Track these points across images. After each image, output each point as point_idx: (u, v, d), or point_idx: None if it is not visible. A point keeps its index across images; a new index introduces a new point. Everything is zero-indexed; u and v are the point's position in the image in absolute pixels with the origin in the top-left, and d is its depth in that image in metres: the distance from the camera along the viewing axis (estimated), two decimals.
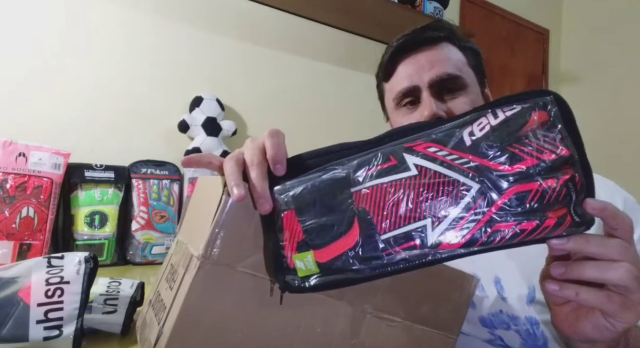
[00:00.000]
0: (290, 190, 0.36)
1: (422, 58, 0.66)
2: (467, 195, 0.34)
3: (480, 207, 0.34)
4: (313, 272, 0.36)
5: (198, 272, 0.34)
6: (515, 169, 0.33)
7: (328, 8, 1.65)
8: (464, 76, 0.66)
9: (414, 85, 0.66)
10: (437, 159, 0.35)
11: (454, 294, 0.47)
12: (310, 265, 0.36)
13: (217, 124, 1.41)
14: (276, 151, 0.36)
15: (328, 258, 0.35)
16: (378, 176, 0.35)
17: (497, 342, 0.61)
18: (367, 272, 0.35)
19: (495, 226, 0.34)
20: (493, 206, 0.34)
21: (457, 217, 0.34)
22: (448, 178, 0.34)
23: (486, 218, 0.34)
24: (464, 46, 0.69)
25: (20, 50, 1.19)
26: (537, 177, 0.33)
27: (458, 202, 0.34)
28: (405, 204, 0.34)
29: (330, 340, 0.40)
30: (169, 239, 1.24)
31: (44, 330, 0.49)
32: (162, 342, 0.35)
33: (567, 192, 0.33)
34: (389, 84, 0.71)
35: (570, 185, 0.33)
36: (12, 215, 0.99)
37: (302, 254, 0.36)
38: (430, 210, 0.34)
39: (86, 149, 1.24)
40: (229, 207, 0.35)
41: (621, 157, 2.35)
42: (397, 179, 0.35)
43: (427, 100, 0.64)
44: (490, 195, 0.34)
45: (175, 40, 1.43)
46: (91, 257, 0.56)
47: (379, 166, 0.36)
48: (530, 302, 0.59)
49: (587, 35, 2.75)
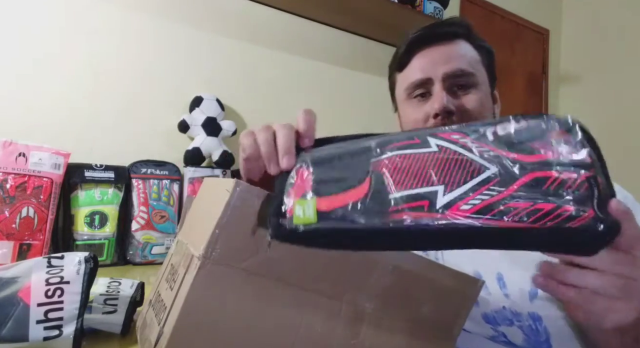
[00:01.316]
0: (310, 154, 0.39)
1: (438, 52, 0.67)
2: (483, 173, 0.34)
3: (496, 185, 0.33)
4: (310, 221, 0.35)
5: (198, 272, 0.34)
6: (535, 158, 0.33)
7: (328, 8, 1.65)
8: (477, 74, 0.67)
9: (427, 78, 0.66)
10: (459, 143, 0.36)
11: (457, 296, 0.47)
12: (309, 213, 0.35)
13: (217, 124, 1.41)
14: (308, 126, 0.40)
15: (330, 207, 0.35)
16: (398, 149, 0.37)
17: (500, 338, 0.61)
18: (364, 224, 0.34)
19: (510, 203, 0.32)
20: (510, 187, 0.33)
21: (470, 189, 0.33)
22: (467, 158, 0.35)
23: (502, 196, 0.33)
24: (479, 45, 0.70)
25: (20, 51, 1.18)
26: (556, 167, 0.33)
27: (474, 177, 0.34)
28: (420, 171, 0.35)
29: (331, 340, 0.40)
30: (169, 239, 1.24)
31: (44, 330, 0.49)
32: (162, 342, 0.35)
33: (589, 186, 0.32)
34: (402, 75, 0.71)
35: (593, 181, 0.32)
36: (12, 215, 0.99)
37: (304, 200, 0.35)
38: (444, 179, 0.34)
39: (86, 149, 1.24)
40: (231, 209, 0.35)
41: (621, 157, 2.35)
42: (416, 152, 0.36)
43: (439, 94, 0.64)
44: (507, 177, 0.33)
45: (175, 40, 1.43)
46: (91, 257, 0.56)
47: (401, 142, 0.37)
48: (533, 298, 0.59)
49: (587, 35, 2.75)
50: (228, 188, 0.35)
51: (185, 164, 1.36)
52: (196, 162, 1.37)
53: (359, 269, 0.41)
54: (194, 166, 1.35)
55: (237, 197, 0.35)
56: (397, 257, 0.43)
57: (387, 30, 1.83)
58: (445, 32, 0.68)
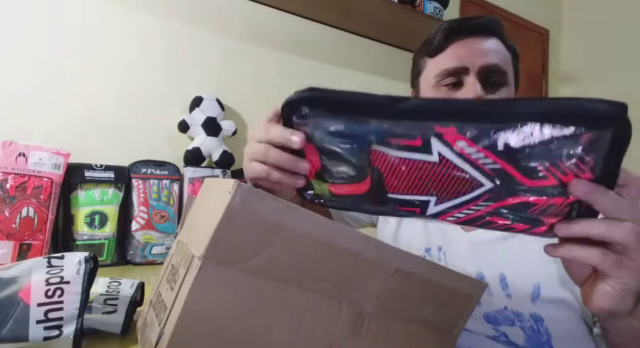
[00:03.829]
0: (313, 127, 0.40)
1: (476, 44, 0.66)
2: (477, 190, 0.35)
3: (487, 200, 0.36)
4: (327, 195, 0.42)
5: (199, 273, 0.34)
6: (534, 184, 0.33)
7: (328, 8, 1.65)
8: (508, 74, 0.67)
9: (463, 67, 0.65)
10: (462, 155, 0.34)
11: (460, 298, 0.47)
12: (325, 191, 0.42)
13: (217, 124, 1.41)
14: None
15: (340, 193, 0.41)
16: (399, 149, 0.36)
17: (502, 338, 0.61)
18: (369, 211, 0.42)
19: (492, 217, 0.36)
20: (497, 204, 0.35)
21: (461, 203, 0.36)
22: (466, 174, 0.35)
23: (487, 210, 0.36)
24: (510, 46, 0.71)
25: (19, 51, 1.18)
26: (549, 195, 0.33)
27: (467, 193, 0.36)
28: (417, 181, 0.37)
29: (331, 340, 0.40)
30: (169, 239, 1.24)
31: (44, 330, 0.49)
32: (163, 343, 0.35)
33: (569, 210, 0.34)
34: (435, 60, 0.69)
35: (576, 206, 0.33)
36: (12, 215, 0.99)
37: (319, 182, 0.42)
38: (438, 191, 0.37)
39: (86, 149, 1.24)
40: (233, 209, 0.35)
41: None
42: (417, 159, 0.36)
43: (473, 84, 0.63)
44: (498, 196, 0.35)
45: (175, 40, 1.43)
46: (91, 257, 0.56)
47: (404, 140, 0.36)
48: (535, 299, 0.59)
49: (587, 35, 2.75)
50: (229, 189, 0.35)
51: (185, 164, 1.36)
52: (196, 162, 1.37)
53: (360, 270, 0.41)
54: (194, 166, 1.35)
55: (238, 198, 0.35)
56: (399, 260, 0.43)
57: (387, 30, 1.83)
58: (483, 26, 0.67)
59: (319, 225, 0.38)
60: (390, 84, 1.94)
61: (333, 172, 0.40)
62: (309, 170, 0.42)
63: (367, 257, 0.41)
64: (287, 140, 0.41)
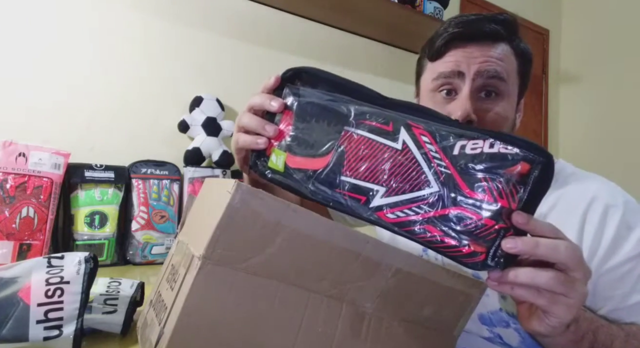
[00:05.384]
0: (300, 96, 0.44)
1: (476, 50, 0.64)
2: (424, 190, 0.38)
3: (426, 205, 0.38)
4: (278, 169, 0.43)
5: (199, 273, 0.34)
6: (475, 196, 0.36)
7: (328, 8, 1.65)
8: (508, 83, 0.65)
9: (459, 71, 0.64)
10: (423, 149, 0.38)
11: (460, 298, 0.47)
12: (280, 163, 0.43)
13: (217, 124, 1.41)
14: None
15: (295, 166, 0.42)
16: (370, 131, 0.40)
17: (496, 339, 0.61)
18: (311, 194, 0.42)
19: (428, 226, 0.38)
20: (437, 211, 0.37)
21: (404, 200, 0.38)
22: (420, 169, 0.38)
23: (426, 216, 0.38)
24: (520, 50, 0.68)
25: (19, 51, 1.18)
26: (484, 212, 0.36)
27: (414, 191, 0.38)
28: (375, 166, 0.39)
29: (331, 340, 0.40)
30: (169, 239, 1.24)
31: (44, 330, 0.49)
32: (163, 342, 0.35)
33: (495, 236, 0.36)
34: (433, 65, 0.69)
35: (502, 233, 0.36)
36: (12, 215, 0.99)
37: (279, 152, 0.44)
38: (390, 183, 0.39)
39: (86, 149, 1.24)
40: (233, 209, 0.35)
41: (621, 157, 2.35)
42: (382, 144, 0.40)
43: (465, 99, 0.62)
44: (441, 201, 0.37)
45: (175, 40, 1.43)
46: (91, 257, 0.55)
47: (376, 124, 0.41)
48: None
49: (587, 35, 2.74)
50: (229, 189, 0.35)
51: (185, 164, 1.36)
52: (196, 162, 1.37)
53: (360, 270, 0.41)
54: (194, 166, 1.35)
55: (238, 198, 0.35)
56: (400, 260, 0.43)
57: (387, 30, 1.83)
58: (488, 33, 0.65)
59: (319, 225, 0.38)
60: (391, 84, 1.94)
61: (299, 142, 0.43)
62: (275, 134, 0.44)
63: (367, 257, 0.41)
64: (266, 103, 0.45)
